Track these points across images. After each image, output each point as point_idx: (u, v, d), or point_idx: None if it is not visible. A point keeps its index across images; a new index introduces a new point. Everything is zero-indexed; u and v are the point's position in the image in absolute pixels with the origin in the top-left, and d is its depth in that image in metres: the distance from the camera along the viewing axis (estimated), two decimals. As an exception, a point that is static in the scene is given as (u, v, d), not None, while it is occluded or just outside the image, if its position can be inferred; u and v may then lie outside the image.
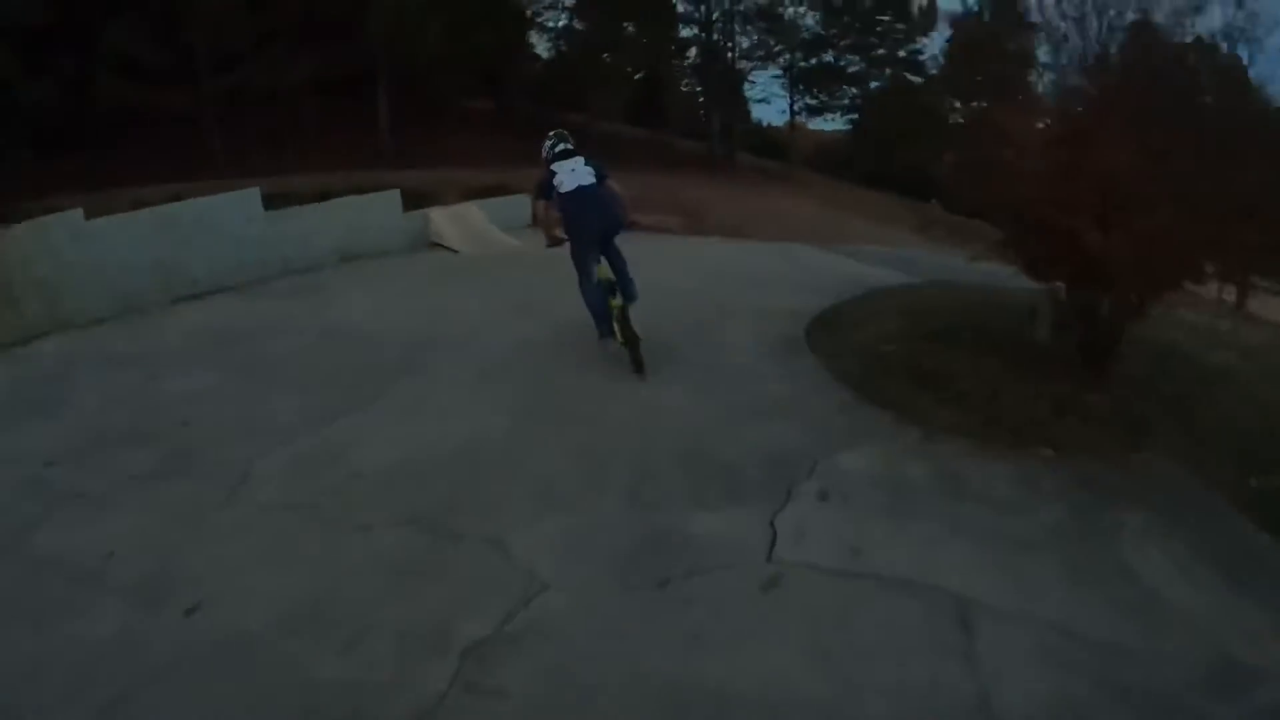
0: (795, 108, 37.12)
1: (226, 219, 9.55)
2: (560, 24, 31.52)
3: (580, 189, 5.63)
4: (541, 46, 33.04)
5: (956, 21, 38.40)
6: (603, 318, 5.76)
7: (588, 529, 3.69)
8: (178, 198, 10.47)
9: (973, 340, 6.24)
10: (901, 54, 38.68)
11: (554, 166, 5.78)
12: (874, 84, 38.83)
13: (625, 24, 29.65)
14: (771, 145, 41.10)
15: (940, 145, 37.37)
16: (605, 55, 31.27)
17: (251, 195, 10.02)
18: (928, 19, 38.17)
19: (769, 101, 37.93)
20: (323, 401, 5.29)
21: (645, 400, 5.27)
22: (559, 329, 6.76)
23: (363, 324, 7.35)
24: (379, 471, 4.25)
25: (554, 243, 5.92)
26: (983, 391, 5.23)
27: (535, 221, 6.59)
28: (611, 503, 3.94)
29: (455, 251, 10.95)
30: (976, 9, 38.21)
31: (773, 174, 29.98)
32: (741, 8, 29.62)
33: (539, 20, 30.89)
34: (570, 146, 5.99)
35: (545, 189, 5.77)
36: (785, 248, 11.64)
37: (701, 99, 34.22)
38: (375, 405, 5.24)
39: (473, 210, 11.76)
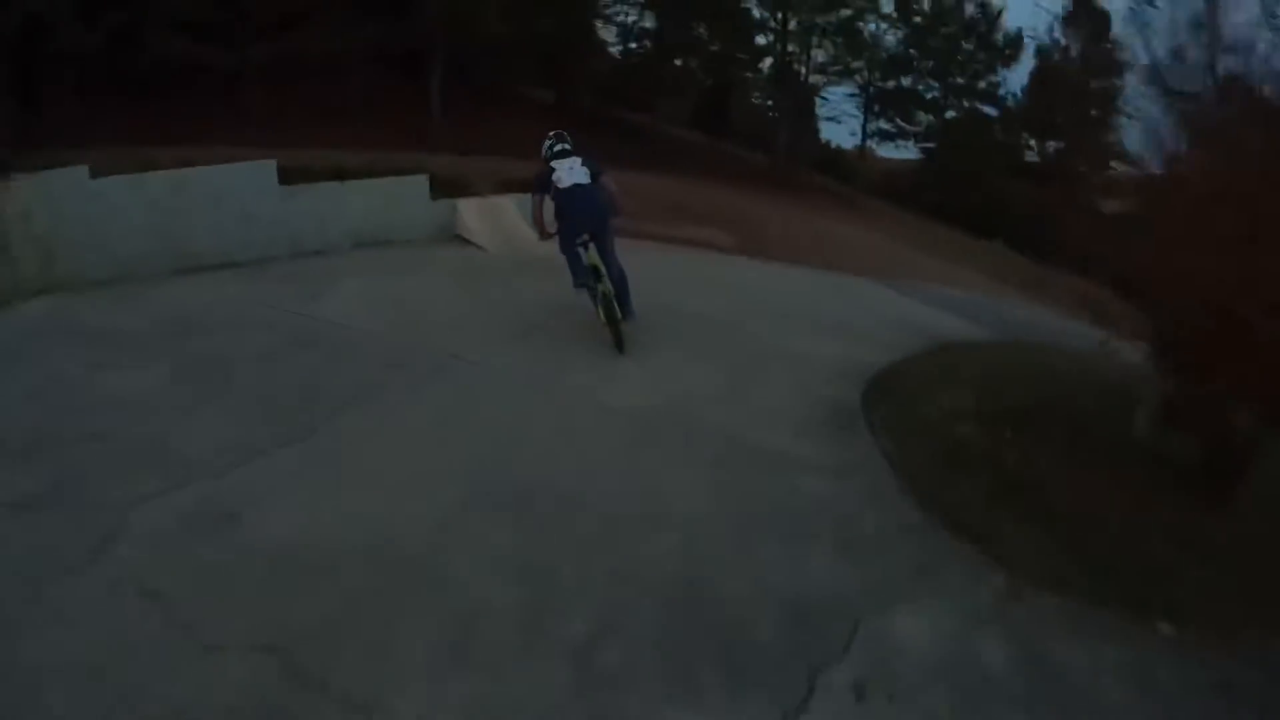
0: (867, 130, 35.64)
1: (238, 191, 8.95)
2: (630, 19, 30.40)
3: (576, 186, 6.05)
4: (611, 41, 32.05)
5: (1042, 53, 36.73)
6: (579, 273, 6.20)
7: (506, 712, 2.56)
8: (189, 163, 9.71)
9: (1063, 429, 5.05)
10: (981, 85, 36.97)
11: (553, 164, 6.20)
12: (949, 113, 37.16)
13: (697, 27, 28.44)
14: (837, 167, 39.69)
15: (1014, 183, 36.24)
16: (676, 60, 30.13)
17: (266, 168, 9.35)
18: (1012, 49, 36.42)
19: (840, 121, 36.33)
20: (251, 428, 4.35)
21: (636, 491, 4.12)
22: (562, 367, 5.67)
23: (344, 324, 6.47)
24: (269, 551, 3.30)
25: (545, 237, 6.54)
26: (1080, 513, 4.02)
27: (533, 220, 6.72)
28: (550, 670, 2.78)
29: (481, 249, 9.94)
30: (1063, 43, 36.53)
31: (838, 197, 28.58)
32: (821, 20, 28.21)
33: (608, 12, 29.77)
34: (568, 147, 6.35)
35: (544, 185, 6.19)
36: (845, 281, 10.43)
37: (771, 111, 32.87)
38: (307, 442, 4.31)
39: (506, 206, 10.74)
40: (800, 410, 5.12)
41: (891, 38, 33.53)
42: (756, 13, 29.58)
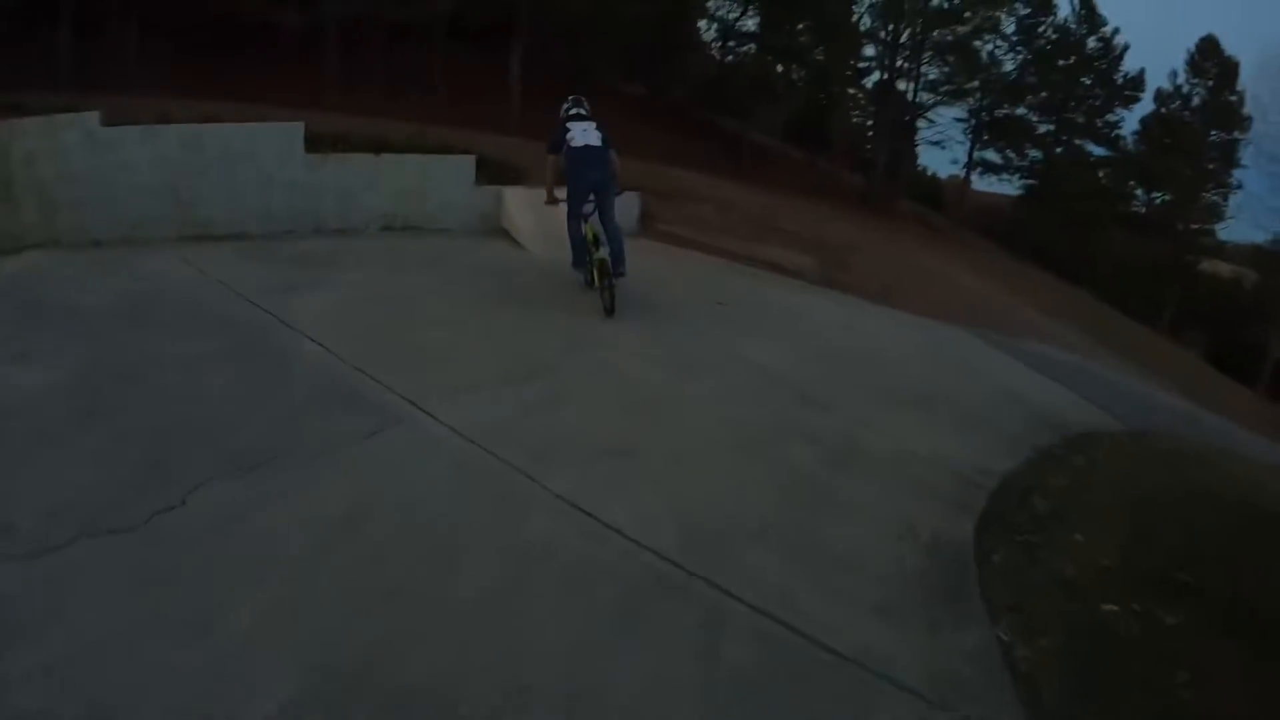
0: (971, 159, 33.28)
1: (259, 155, 8.15)
2: (732, 16, 28.74)
3: (587, 147, 6.38)
4: (711, 38, 30.41)
5: (1161, 98, 33.81)
6: (580, 254, 6.67)
7: None
8: (214, 118, 8.73)
9: (1255, 621, 3.42)
10: (1098, 123, 34.23)
11: (568, 125, 6.48)
12: (1059, 150, 34.51)
13: (800, 33, 26.57)
14: (931, 195, 37.45)
15: (1114, 232, 33.47)
16: (778, 66, 28.32)
17: (292, 131, 8.43)
18: (1132, 90, 33.59)
19: (944, 146, 33.77)
20: (96, 490, 3.10)
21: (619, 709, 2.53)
22: (542, 457, 4.09)
23: (308, 335, 5.29)
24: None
25: (551, 201, 6.83)
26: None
27: (547, 183, 6.86)
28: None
29: (524, 249, 8.63)
30: (1186, 90, 33.55)
31: (933, 228, 26.53)
32: (935, 35, 26.12)
33: (708, 5, 28.14)
34: (584, 112, 6.67)
35: (558, 144, 6.50)
36: (940, 331, 8.74)
37: (871, 129, 30.84)
38: (138, 532, 2.91)
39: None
40: (887, 559, 3.50)
41: (1010, 62, 31.14)
42: (866, 21, 27.73)
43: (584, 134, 6.52)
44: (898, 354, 7.22)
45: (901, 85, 28.71)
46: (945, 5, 26.27)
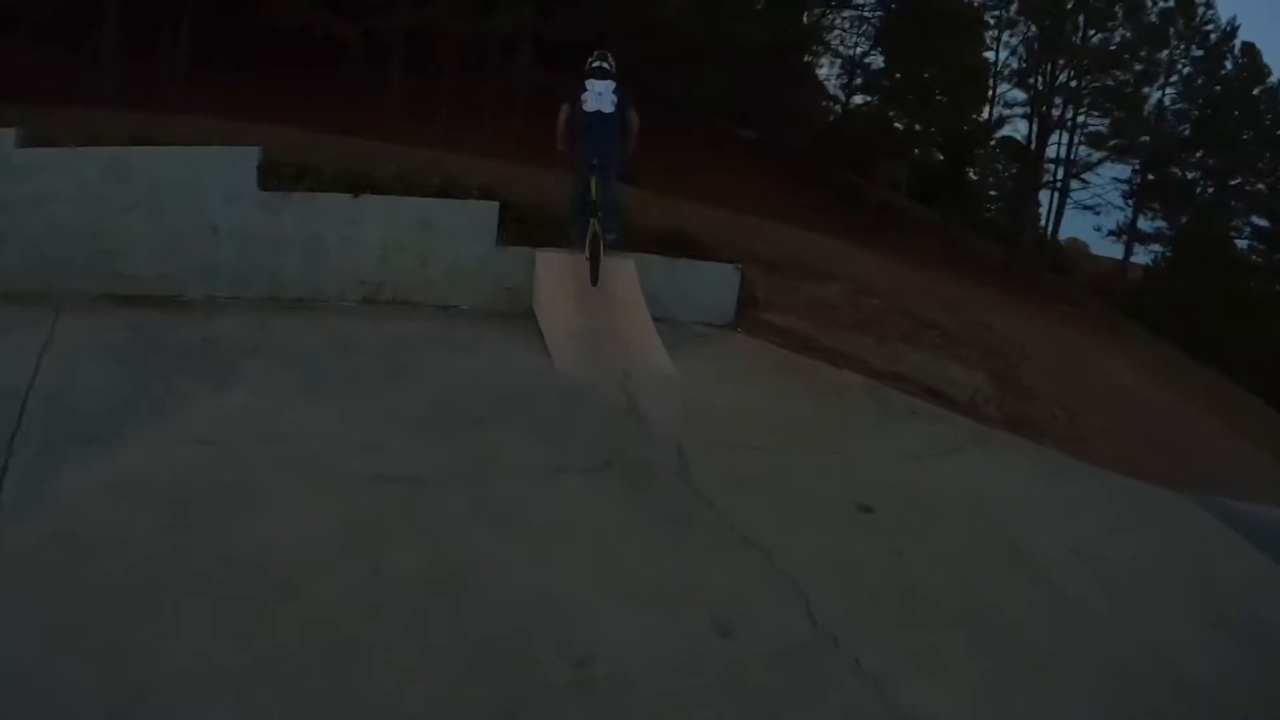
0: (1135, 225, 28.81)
1: (201, 190, 6.06)
2: (858, 51, 25.60)
3: (598, 113, 6.19)
4: (835, 74, 27.20)
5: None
6: (580, 230, 6.32)
7: None
8: (145, 142, 6.45)
9: None
10: (1259, 186, 29.15)
11: (586, 82, 6.25)
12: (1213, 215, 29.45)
13: (928, 77, 23.08)
14: (1063, 265, 32.94)
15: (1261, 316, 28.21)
16: (901, 113, 24.77)
17: (244, 159, 6.19)
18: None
19: (1098, 211, 29.00)
20: None
21: None
22: None
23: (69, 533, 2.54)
24: None
25: (563, 146, 6.45)
26: None
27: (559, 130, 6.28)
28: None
29: (551, 360, 5.77)
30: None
31: (1082, 309, 22.51)
32: (1096, 83, 22.29)
33: (829, 39, 25.14)
34: (607, 67, 6.37)
35: (573, 101, 6.26)
36: (1182, 520, 5.28)
37: (1011, 188, 26.94)
38: None
39: (626, 278, 6.40)
40: None
41: (1176, 113, 26.66)
42: (1011, 64, 24.20)
43: (598, 98, 6.26)
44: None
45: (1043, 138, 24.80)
46: (1109, 44, 22.51)
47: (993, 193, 30.22)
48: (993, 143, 26.60)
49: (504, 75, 17.25)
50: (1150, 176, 27.30)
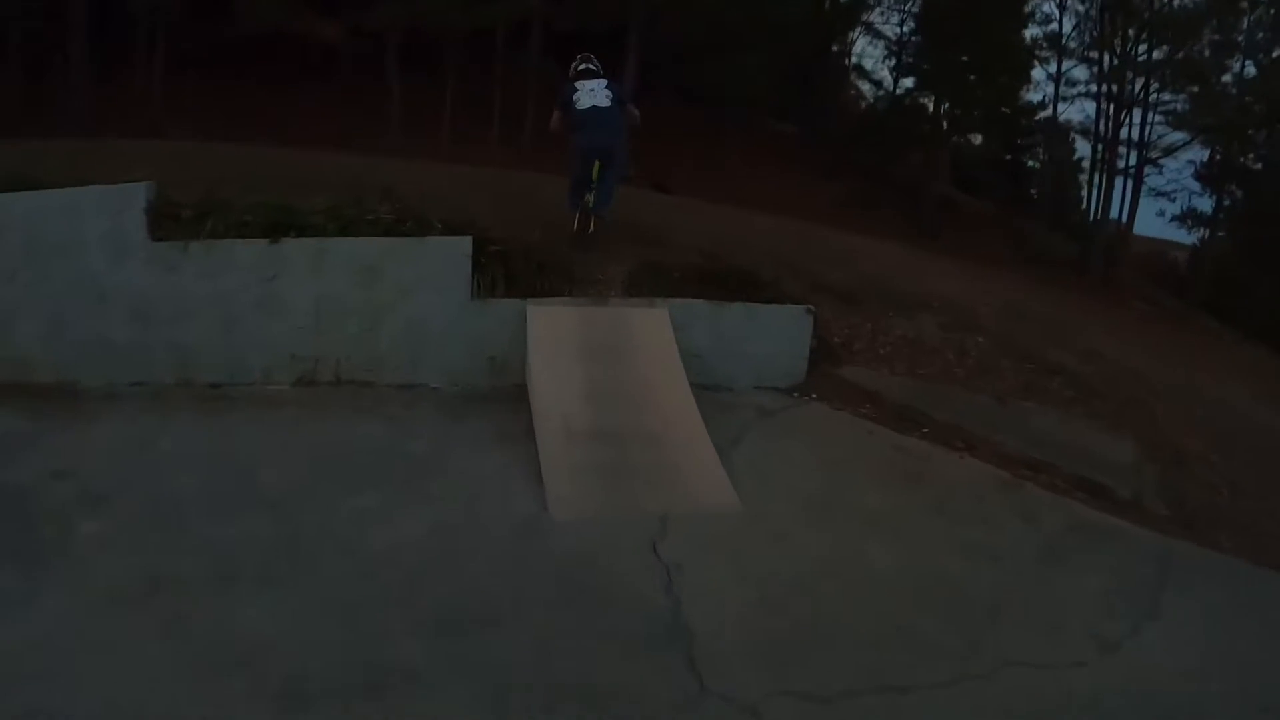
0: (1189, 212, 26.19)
1: (83, 242, 4.59)
2: (906, 29, 23.28)
3: (595, 108, 5.89)
4: (881, 55, 24.89)
5: None
6: (577, 192, 6.00)
7: None
8: (29, 183, 4.97)
9: None
10: None
11: (576, 84, 6.03)
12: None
13: (964, 60, 20.69)
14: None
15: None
16: (940, 98, 22.43)
17: (128, 200, 4.63)
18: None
19: (1173, 197, 26.29)
20: None
21: None
22: None
23: None
24: None
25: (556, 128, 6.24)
26: None
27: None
28: None
29: (544, 499, 3.91)
30: None
31: (1162, 307, 20.13)
32: (1177, 53, 19.77)
33: (869, 20, 22.90)
34: (593, 68, 6.16)
35: (565, 105, 6.00)
36: None
37: (1085, 179, 24.44)
38: None
39: (654, 325, 4.61)
40: None
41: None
42: (1074, 40, 21.82)
43: (591, 94, 5.89)
44: None
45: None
46: (1183, 10, 20.07)
47: (1051, 179, 27.76)
48: (1053, 121, 24.22)
49: (514, 73, 15.51)
50: (1220, 157, 24.69)
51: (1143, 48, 20.28)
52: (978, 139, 27.07)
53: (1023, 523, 4.25)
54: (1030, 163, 28.37)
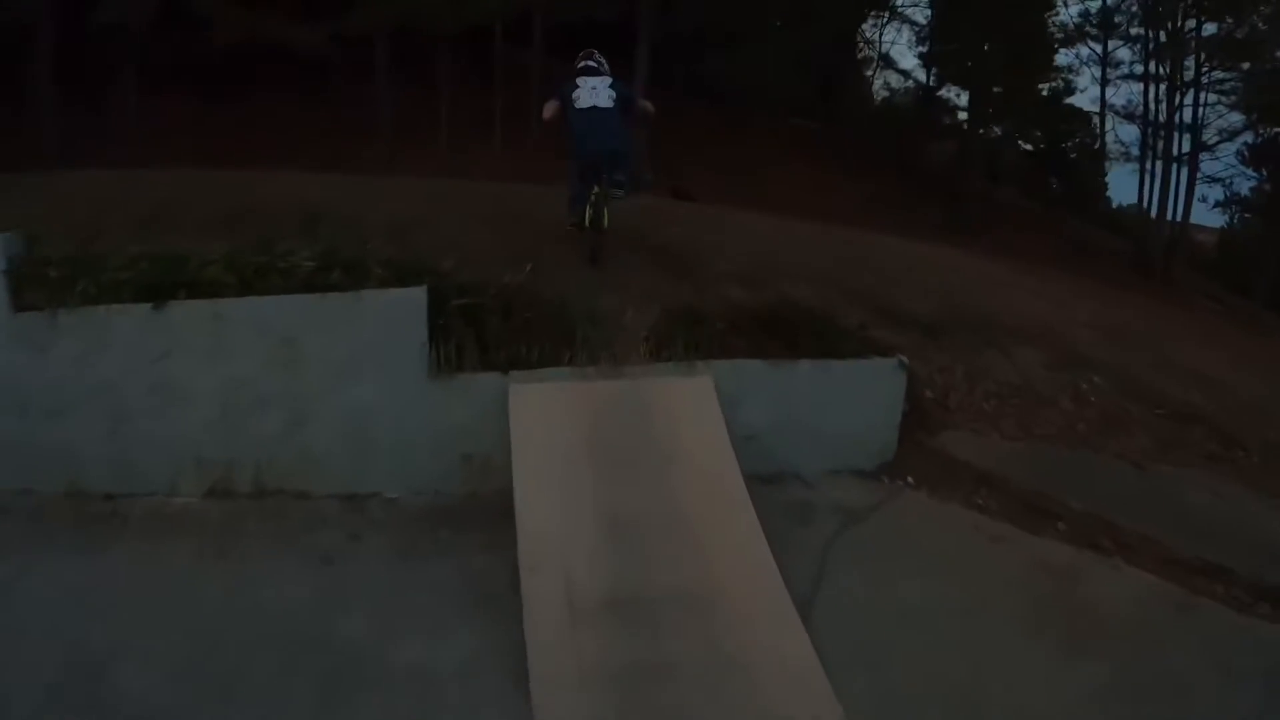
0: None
1: None
2: (928, 18, 21.87)
3: (594, 109, 5.43)
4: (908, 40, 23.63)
5: None
6: (577, 201, 5.42)
7: None
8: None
9: None
10: None
11: (577, 80, 5.60)
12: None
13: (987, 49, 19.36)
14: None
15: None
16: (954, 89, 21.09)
17: None
18: None
19: (1230, 183, 24.62)
20: None
21: None
22: None
23: None
24: None
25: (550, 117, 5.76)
26: None
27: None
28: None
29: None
30: None
31: (1224, 306, 18.64)
32: (1236, 29, 18.33)
33: (896, 6, 21.47)
34: (595, 65, 5.74)
35: (563, 101, 5.51)
36: None
37: (1139, 170, 22.82)
38: None
39: (693, 401, 3.36)
40: None
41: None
42: (1117, 19, 20.35)
43: (592, 93, 5.38)
44: None
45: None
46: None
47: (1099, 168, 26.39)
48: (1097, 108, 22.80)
49: (515, 75, 14.33)
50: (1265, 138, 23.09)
51: (1190, 24, 18.93)
52: (1008, 128, 25.82)
53: (1221, 679, 2.92)
54: (1072, 154, 27.00)
